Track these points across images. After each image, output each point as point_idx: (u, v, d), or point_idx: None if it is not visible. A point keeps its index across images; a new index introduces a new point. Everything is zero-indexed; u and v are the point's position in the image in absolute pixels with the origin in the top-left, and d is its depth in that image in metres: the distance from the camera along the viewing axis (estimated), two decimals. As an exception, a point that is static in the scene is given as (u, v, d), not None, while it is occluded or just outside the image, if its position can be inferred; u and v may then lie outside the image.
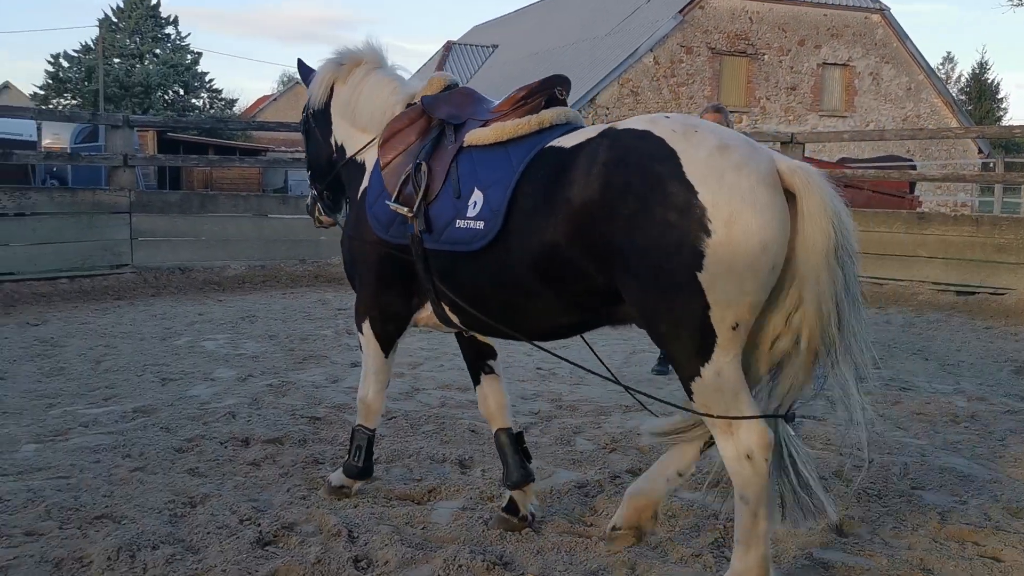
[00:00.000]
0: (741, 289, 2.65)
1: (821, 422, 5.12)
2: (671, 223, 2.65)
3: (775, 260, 2.67)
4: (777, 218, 2.65)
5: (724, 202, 2.62)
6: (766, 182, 2.67)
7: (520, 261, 3.00)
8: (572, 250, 2.86)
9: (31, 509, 3.50)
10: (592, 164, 2.84)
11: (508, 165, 3.11)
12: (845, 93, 29.99)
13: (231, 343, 7.09)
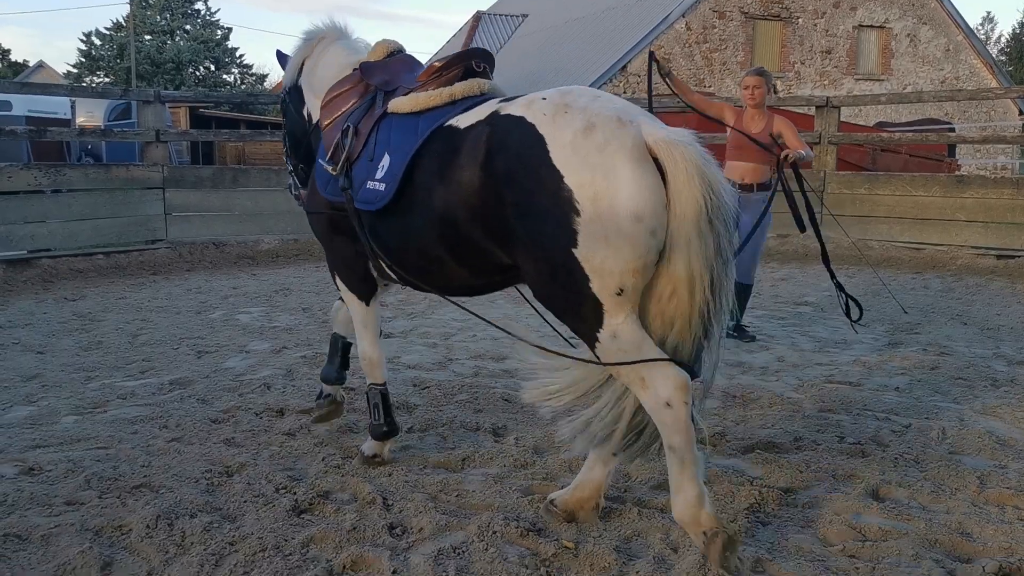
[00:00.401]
0: (620, 258, 2.78)
1: (857, 387, 5.07)
2: (546, 208, 2.82)
3: (652, 226, 2.78)
4: (647, 189, 2.77)
5: (588, 182, 2.78)
6: (631, 157, 2.79)
7: (422, 228, 3.21)
8: (472, 230, 3.05)
9: (71, 479, 3.56)
10: (477, 150, 3.00)
11: (414, 135, 3.29)
12: (881, 56, 29.39)
13: (265, 316, 7.14)
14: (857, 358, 5.78)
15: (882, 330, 6.68)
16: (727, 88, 27.05)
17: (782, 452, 3.96)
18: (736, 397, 4.84)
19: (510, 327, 3.60)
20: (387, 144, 3.38)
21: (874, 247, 10.91)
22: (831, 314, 7.31)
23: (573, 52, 30.15)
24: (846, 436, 4.17)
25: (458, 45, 39.87)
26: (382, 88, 3.60)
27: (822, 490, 3.53)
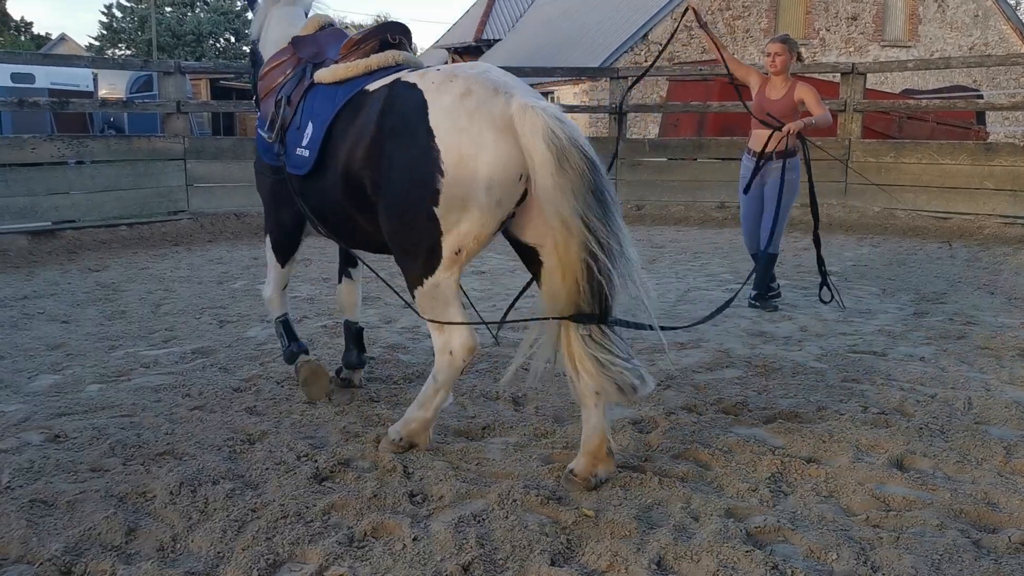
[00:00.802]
0: (468, 220, 3.07)
1: (881, 357, 5.02)
2: (416, 163, 3.10)
3: (500, 196, 3.04)
4: (502, 157, 3.01)
5: (455, 145, 3.03)
6: (495, 125, 3.03)
7: (336, 187, 3.50)
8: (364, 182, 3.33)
9: (96, 446, 3.59)
10: (374, 110, 3.29)
11: (332, 103, 3.57)
12: (908, 22, 28.87)
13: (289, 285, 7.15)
14: (882, 327, 5.72)
15: (907, 299, 6.60)
16: (750, 55, 26.69)
17: (805, 422, 3.93)
18: (758, 367, 4.81)
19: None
20: (311, 113, 3.66)
21: (900, 216, 10.78)
22: (855, 284, 7.24)
23: (594, 20, 29.85)
24: (870, 406, 4.13)
25: (478, 14, 39.60)
26: (311, 60, 3.88)
27: (846, 460, 3.50)
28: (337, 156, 3.46)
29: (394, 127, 3.20)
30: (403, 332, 5.58)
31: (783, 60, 6.18)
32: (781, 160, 6.03)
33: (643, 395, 3.22)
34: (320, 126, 3.56)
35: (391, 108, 3.25)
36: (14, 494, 3.15)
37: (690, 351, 5.17)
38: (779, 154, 6.06)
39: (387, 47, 3.70)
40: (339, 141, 3.47)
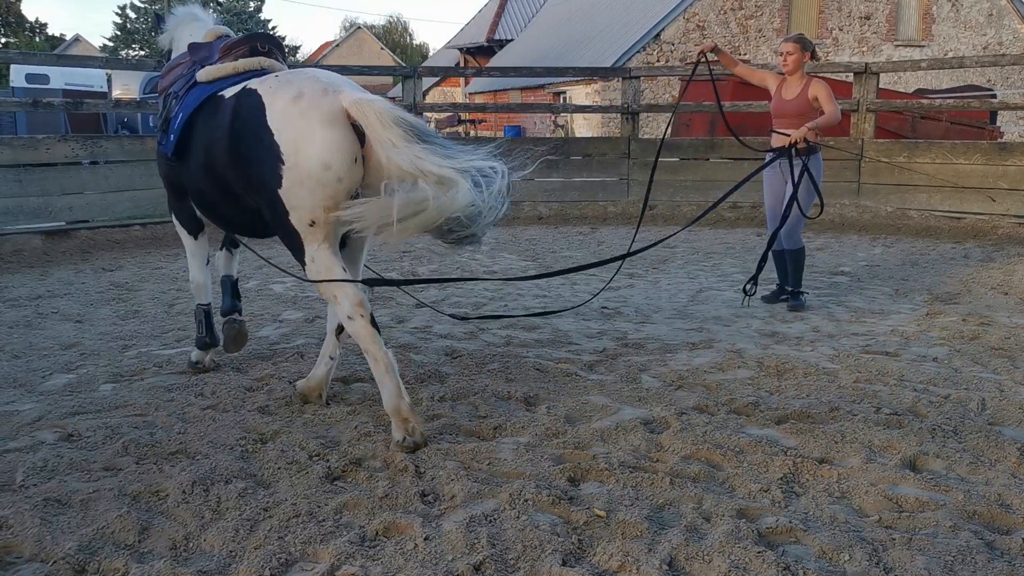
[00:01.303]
0: (312, 197, 3.61)
1: (894, 357, 5.00)
2: (262, 158, 3.65)
3: (339, 174, 3.59)
4: (335, 145, 3.57)
5: (291, 139, 3.60)
6: (325, 120, 3.60)
7: (199, 174, 4.05)
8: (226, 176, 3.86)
9: (109, 445, 3.62)
10: (226, 117, 3.83)
11: (198, 98, 4.09)
12: (922, 21, 28.73)
13: (298, 285, 7.18)
14: (895, 328, 5.70)
15: (921, 300, 6.57)
16: (763, 55, 26.62)
17: (817, 422, 3.92)
18: (770, 367, 4.80)
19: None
20: (184, 105, 4.18)
21: (913, 216, 10.72)
22: (868, 284, 7.21)
23: (607, 20, 29.82)
24: (883, 407, 4.11)
25: (490, 14, 39.62)
26: (200, 63, 4.34)
27: (858, 461, 3.49)
28: (197, 145, 4.03)
29: (241, 130, 3.76)
30: (414, 332, 5.59)
31: (795, 59, 6.17)
32: (799, 158, 6.04)
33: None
34: (184, 116, 4.12)
35: (237, 115, 3.80)
36: (28, 493, 3.17)
37: (702, 351, 5.16)
38: (797, 151, 6.06)
39: (256, 54, 4.26)
40: (199, 132, 4.03)
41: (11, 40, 56.37)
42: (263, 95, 3.74)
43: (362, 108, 3.56)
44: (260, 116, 3.69)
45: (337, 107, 3.61)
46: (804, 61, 6.23)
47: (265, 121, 3.67)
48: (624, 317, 6.07)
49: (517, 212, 11.73)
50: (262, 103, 3.72)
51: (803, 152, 6.05)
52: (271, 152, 3.63)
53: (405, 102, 11.94)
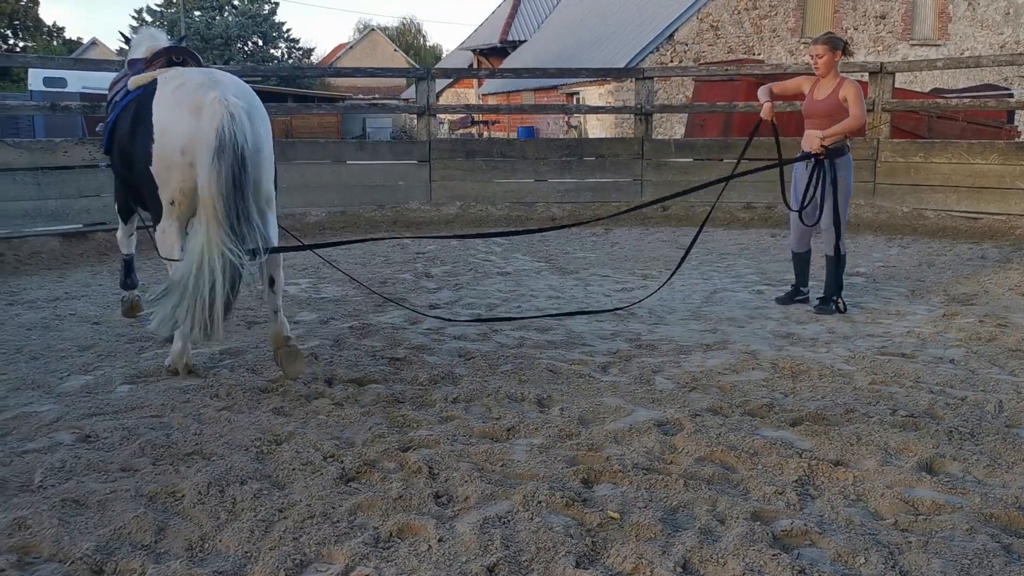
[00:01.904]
0: (171, 178, 4.31)
1: (910, 359, 4.97)
2: (141, 136, 4.37)
3: (192, 159, 4.19)
4: (192, 131, 4.18)
5: (161, 123, 4.30)
6: (188, 110, 4.23)
7: (119, 164, 4.80)
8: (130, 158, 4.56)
9: (126, 446, 3.64)
10: (133, 105, 4.55)
11: (124, 101, 4.74)
12: (938, 20, 28.56)
13: (313, 287, 7.21)
14: (911, 329, 5.67)
15: (937, 301, 6.53)
16: (777, 55, 26.53)
17: (832, 424, 3.90)
18: (785, 369, 4.78)
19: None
20: (114, 108, 4.93)
21: (929, 216, 10.66)
22: (883, 285, 7.17)
23: (620, 21, 29.79)
24: (899, 408, 4.09)
25: (503, 15, 39.64)
26: (134, 74, 4.89)
27: (874, 463, 3.47)
28: (118, 139, 4.75)
29: (136, 112, 4.48)
30: (428, 333, 5.60)
31: (825, 61, 6.11)
32: (832, 158, 6.03)
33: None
34: (113, 116, 4.86)
35: (138, 100, 4.51)
36: (46, 493, 3.20)
37: (716, 352, 5.15)
38: (829, 152, 6.05)
39: (172, 64, 4.83)
40: (119, 128, 4.72)
41: (29, 44, 56.81)
42: (158, 84, 4.45)
43: (213, 108, 4.15)
44: (149, 101, 4.41)
45: (204, 99, 4.21)
46: (836, 60, 6.15)
47: (151, 104, 4.37)
48: (638, 318, 6.07)
49: (531, 213, 11.74)
50: (154, 90, 4.43)
51: (831, 154, 6.03)
52: (146, 131, 4.33)
53: (419, 103, 11.98)
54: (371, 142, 17.16)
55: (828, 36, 6.25)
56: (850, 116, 5.96)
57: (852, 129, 6.02)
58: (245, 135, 4.15)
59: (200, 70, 4.61)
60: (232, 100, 4.18)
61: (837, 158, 6.04)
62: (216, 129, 4.08)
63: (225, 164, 4.07)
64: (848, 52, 6.22)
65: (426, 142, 11.83)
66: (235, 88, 4.39)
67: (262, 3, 53.86)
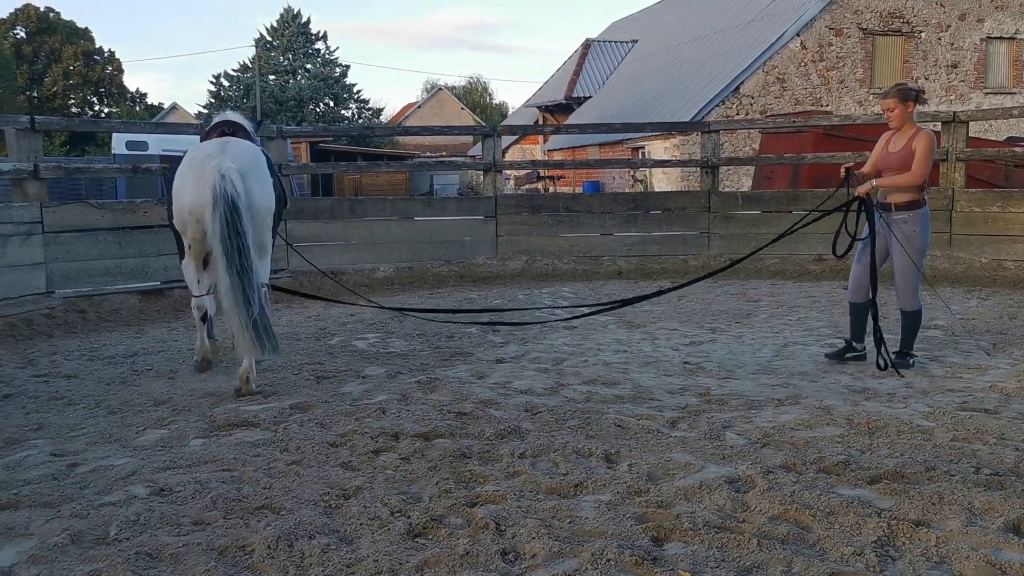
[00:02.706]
0: (185, 229, 5.79)
1: (994, 415, 4.79)
2: (167, 197, 5.96)
3: (199, 216, 5.54)
4: (196, 196, 5.54)
5: (176, 188, 5.76)
6: (193, 178, 5.60)
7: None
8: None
9: (198, 500, 3.69)
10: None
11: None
12: (1012, 68, 28.06)
13: (381, 342, 7.29)
14: (993, 384, 5.47)
15: (1020, 355, 6.30)
16: (845, 106, 26.29)
17: (912, 483, 3.76)
18: (861, 424, 4.65)
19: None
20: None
21: (1009, 267, 10.35)
22: (963, 338, 6.95)
23: (685, 74, 29.91)
24: (983, 466, 3.93)
25: (568, 72, 40.13)
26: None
27: (957, 523, 3.33)
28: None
29: (167, 179, 5.94)
30: (495, 388, 5.60)
31: (897, 114, 6.00)
32: (902, 212, 5.93)
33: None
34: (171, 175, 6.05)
35: (173, 169, 5.89)
36: (121, 546, 3.25)
37: (788, 407, 5.04)
38: (898, 206, 5.93)
39: (224, 134, 6.08)
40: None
41: (113, 109, 59.44)
42: (185, 155, 5.80)
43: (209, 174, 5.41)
44: (175, 169, 5.80)
45: (206, 169, 5.46)
46: (909, 111, 6.01)
47: (175, 172, 5.79)
48: (707, 372, 5.98)
49: (596, 267, 11.73)
50: (179, 163, 5.81)
51: (903, 207, 5.92)
52: (169, 194, 5.89)
53: (485, 160, 12.15)
54: (438, 198, 17.41)
55: (898, 88, 6.12)
56: (912, 168, 5.85)
57: (908, 183, 5.88)
58: (235, 188, 5.37)
59: (215, 141, 5.83)
60: (227, 165, 5.44)
61: (908, 211, 5.91)
62: (211, 189, 5.34)
63: (219, 214, 5.30)
64: (921, 101, 6.08)
65: (492, 197, 11.97)
66: (235, 155, 5.62)
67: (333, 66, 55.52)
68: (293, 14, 55.13)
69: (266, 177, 5.80)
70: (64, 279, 9.08)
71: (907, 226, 5.91)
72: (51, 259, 9.00)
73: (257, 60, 51.28)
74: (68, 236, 9.20)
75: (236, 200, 5.31)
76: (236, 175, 5.39)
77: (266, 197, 5.74)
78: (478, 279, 11.23)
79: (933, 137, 6.01)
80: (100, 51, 60.53)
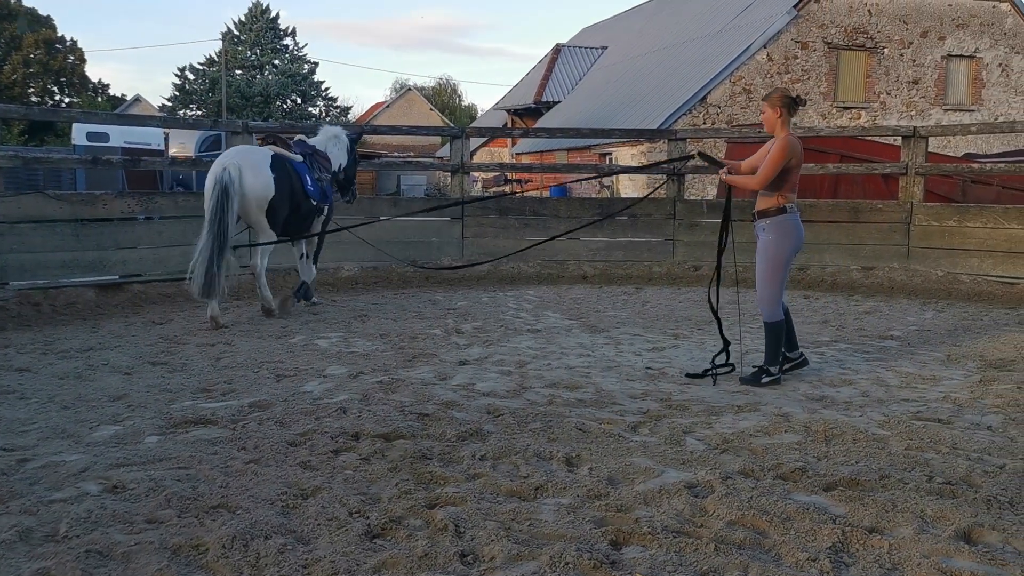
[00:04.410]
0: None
1: (947, 424, 4.87)
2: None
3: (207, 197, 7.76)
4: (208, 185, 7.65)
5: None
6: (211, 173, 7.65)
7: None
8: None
9: (152, 498, 3.64)
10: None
11: None
12: (972, 86, 28.61)
13: (343, 341, 7.24)
14: (947, 394, 5.56)
15: (973, 366, 6.42)
16: (809, 118, 26.63)
17: (867, 490, 3.81)
18: (818, 432, 4.70)
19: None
20: None
21: (964, 281, 10.54)
22: (918, 349, 7.06)
23: (653, 83, 30.10)
24: (935, 475, 3.99)
25: (538, 76, 40.21)
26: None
27: (910, 531, 3.38)
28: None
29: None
30: (457, 389, 5.58)
31: (766, 118, 5.92)
32: (760, 220, 5.91)
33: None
34: None
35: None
36: (70, 544, 3.19)
37: (748, 414, 5.08)
38: (758, 214, 5.92)
39: (266, 143, 8.34)
40: None
41: (74, 100, 58.47)
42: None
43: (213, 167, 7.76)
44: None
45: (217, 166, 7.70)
46: (779, 117, 5.86)
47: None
48: (668, 378, 6.01)
49: (562, 271, 11.76)
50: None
51: (762, 215, 5.87)
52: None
53: (453, 161, 12.13)
54: (405, 199, 17.34)
55: (770, 92, 6.01)
56: (759, 170, 5.80)
57: (747, 186, 5.87)
58: (230, 179, 7.57)
59: (236, 148, 8.30)
60: (230, 162, 7.67)
61: (765, 219, 5.85)
62: (214, 179, 7.59)
63: (213, 198, 7.53)
64: (794, 110, 5.86)
65: (459, 199, 11.95)
66: (241, 156, 7.90)
67: (302, 63, 55.13)
68: (262, 9, 54.69)
69: (262, 173, 7.89)
70: (19, 271, 8.90)
71: (764, 234, 5.89)
72: (5, 250, 8.82)
73: (224, 54, 50.73)
74: (24, 227, 9.03)
75: (229, 187, 7.52)
76: (235, 168, 7.63)
77: (261, 188, 7.89)
78: (443, 281, 11.21)
79: (792, 144, 5.80)
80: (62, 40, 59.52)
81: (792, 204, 5.88)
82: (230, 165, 7.58)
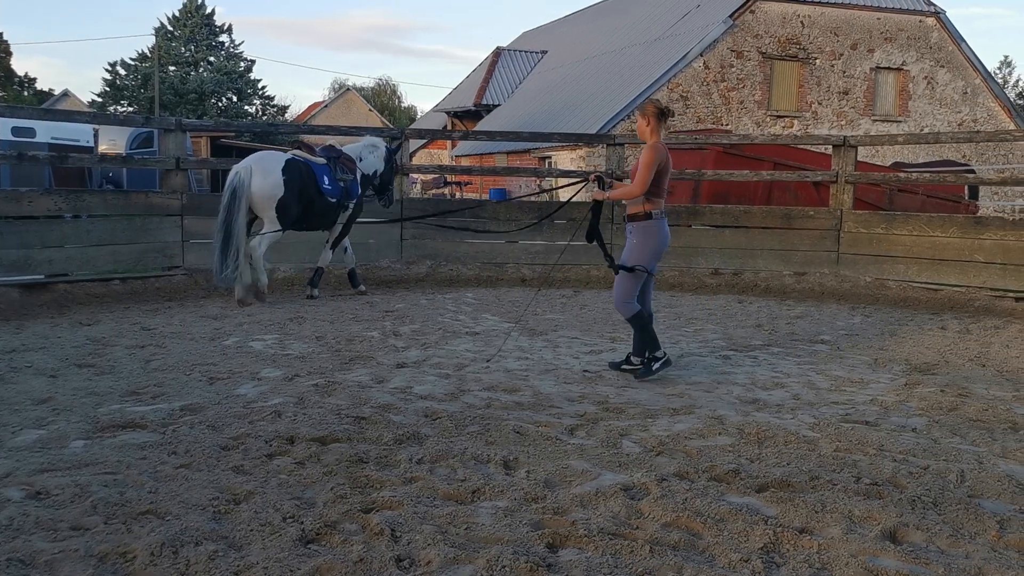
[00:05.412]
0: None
1: (874, 427, 5.00)
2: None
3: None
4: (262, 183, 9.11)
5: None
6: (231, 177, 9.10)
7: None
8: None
9: (78, 504, 3.53)
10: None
11: None
12: (899, 97, 29.47)
13: (279, 344, 7.14)
14: (874, 397, 5.71)
15: (899, 370, 6.60)
16: (744, 126, 27.12)
17: (797, 491, 3.89)
18: (751, 434, 4.78)
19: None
20: None
21: (891, 287, 10.83)
22: (847, 352, 7.24)
23: (592, 88, 30.34)
24: (863, 476, 4.10)
25: (478, 79, 40.22)
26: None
27: (838, 531, 3.46)
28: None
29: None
30: (395, 392, 5.55)
31: (639, 127, 6.12)
32: (629, 223, 6.18)
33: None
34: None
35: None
36: (-8, 551, 3.08)
37: (683, 417, 5.14)
38: (627, 217, 6.19)
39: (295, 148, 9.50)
40: None
41: None
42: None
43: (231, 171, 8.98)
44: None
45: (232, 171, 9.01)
46: (649, 126, 6.04)
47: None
48: (606, 381, 6.06)
49: (501, 273, 11.77)
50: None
51: (630, 219, 6.14)
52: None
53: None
54: (342, 200, 17.16)
55: (644, 102, 6.22)
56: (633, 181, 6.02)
57: (625, 195, 6.12)
58: (240, 180, 8.81)
59: (258, 153, 9.39)
60: (243, 166, 8.95)
61: (632, 223, 6.11)
62: (228, 180, 8.91)
63: (226, 195, 8.83)
64: (662, 119, 6.02)
65: (398, 201, 11.88)
66: (256, 160, 9.06)
67: (238, 60, 54.27)
68: (197, 4, 53.65)
69: (270, 175, 8.97)
70: (-61, 269, 8.58)
71: (630, 237, 6.13)
72: (-75, 248, 8.51)
73: (157, 50, 49.65)
74: (-55, 224, 8.71)
75: (238, 188, 8.78)
76: (247, 171, 8.86)
77: (271, 188, 8.98)
78: (381, 283, 11.13)
79: (659, 149, 5.96)
80: (-13, 32, 57.59)
81: (659, 211, 6.10)
82: (242, 169, 8.87)
